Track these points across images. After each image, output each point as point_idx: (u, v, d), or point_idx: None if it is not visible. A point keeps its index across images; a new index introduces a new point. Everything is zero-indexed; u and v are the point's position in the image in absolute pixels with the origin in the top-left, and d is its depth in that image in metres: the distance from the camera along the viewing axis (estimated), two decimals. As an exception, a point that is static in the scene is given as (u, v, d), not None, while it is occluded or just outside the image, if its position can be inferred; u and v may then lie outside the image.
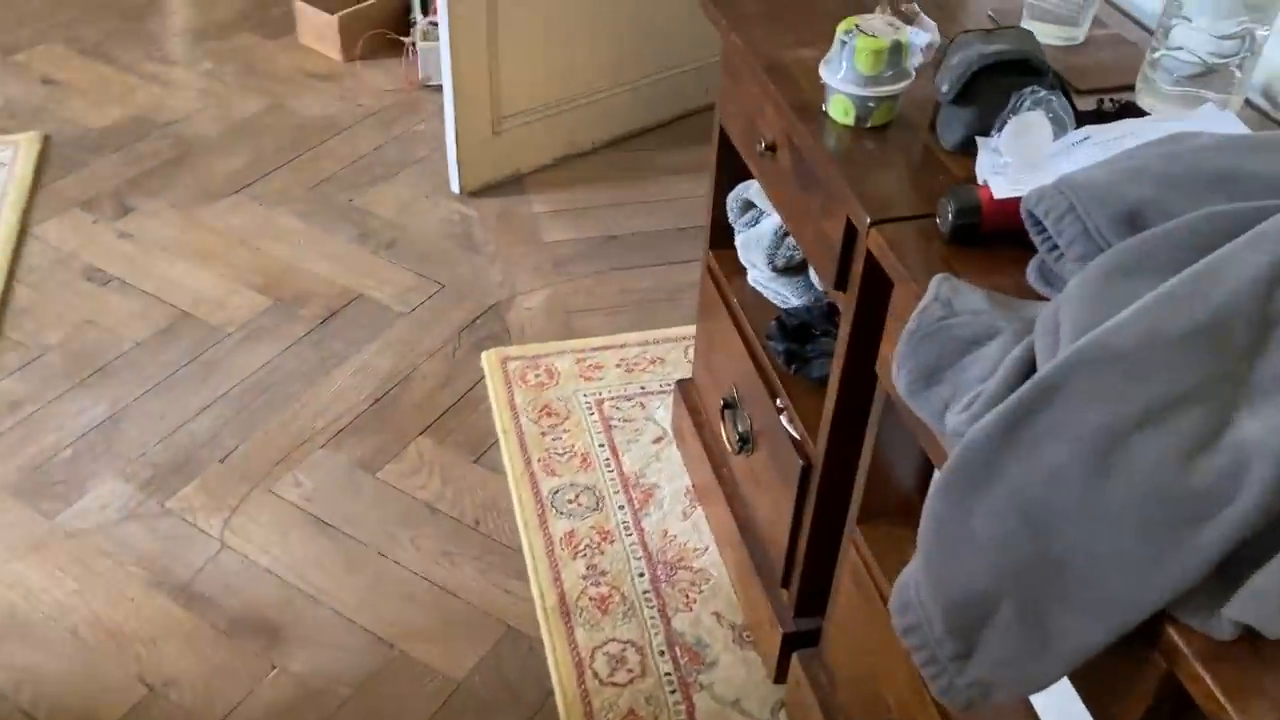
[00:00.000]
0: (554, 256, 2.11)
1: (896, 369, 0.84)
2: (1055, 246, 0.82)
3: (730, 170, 1.42)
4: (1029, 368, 0.73)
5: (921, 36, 1.16)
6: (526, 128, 2.27)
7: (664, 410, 1.78)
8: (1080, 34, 1.22)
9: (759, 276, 1.39)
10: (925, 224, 0.96)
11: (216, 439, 1.71)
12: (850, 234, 1.03)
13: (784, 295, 1.36)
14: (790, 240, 1.33)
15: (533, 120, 2.27)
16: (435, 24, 2.49)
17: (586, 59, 2.29)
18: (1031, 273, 0.87)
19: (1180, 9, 1.01)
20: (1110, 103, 1.05)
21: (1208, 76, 1.02)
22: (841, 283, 1.07)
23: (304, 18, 2.71)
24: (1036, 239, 0.84)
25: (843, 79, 1.04)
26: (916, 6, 1.20)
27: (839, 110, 1.06)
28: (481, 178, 2.27)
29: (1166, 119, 1.00)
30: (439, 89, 2.48)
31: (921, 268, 0.92)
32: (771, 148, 1.18)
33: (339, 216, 2.18)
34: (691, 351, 1.85)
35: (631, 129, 2.46)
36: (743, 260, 1.42)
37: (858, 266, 1.03)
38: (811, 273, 1.35)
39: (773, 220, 1.33)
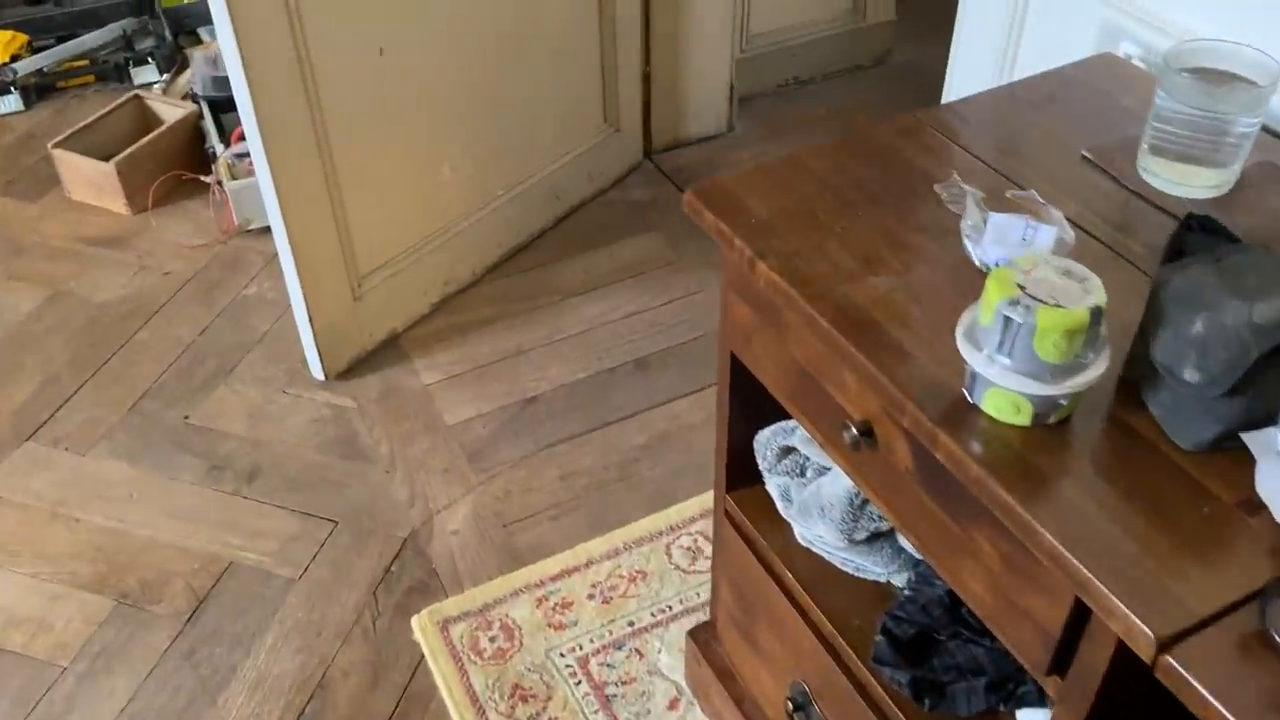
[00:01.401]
0: (465, 445, 1.68)
1: None
2: None
3: (746, 403, 1.03)
4: None
5: (1046, 234, 0.79)
6: (394, 279, 1.81)
7: (669, 654, 1.38)
8: (1232, 177, 0.87)
9: (824, 544, 1.01)
10: (1231, 624, 0.59)
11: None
12: (1078, 617, 0.66)
13: (861, 566, 0.99)
14: (872, 508, 0.95)
15: (400, 269, 1.81)
16: (243, 155, 2.00)
17: (449, 181, 1.85)
18: None
19: None
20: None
21: None
22: (1059, 667, 0.70)
23: (69, 167, 2.16)
24: None
25: (1014, 370, 0.66)
26: (1035, 194, 0.83)
27: (1003, 407, 0.68)
28: (348, 353, 1.80)
29: None
30: (263, 233, 2.00)
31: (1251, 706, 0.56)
32: (867, 432, 0.79)
33: (175, 446, 1.68)
34: (676, 549, 1.47)
35: (514, 244, 2.03)
36: (793, 523, 1.03)
37: (1093, 659, 0.66)
38: (901, 539, 0.97)
39: (842, 483, 0.95)
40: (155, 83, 2.52)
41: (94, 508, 1.59)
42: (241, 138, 2.11)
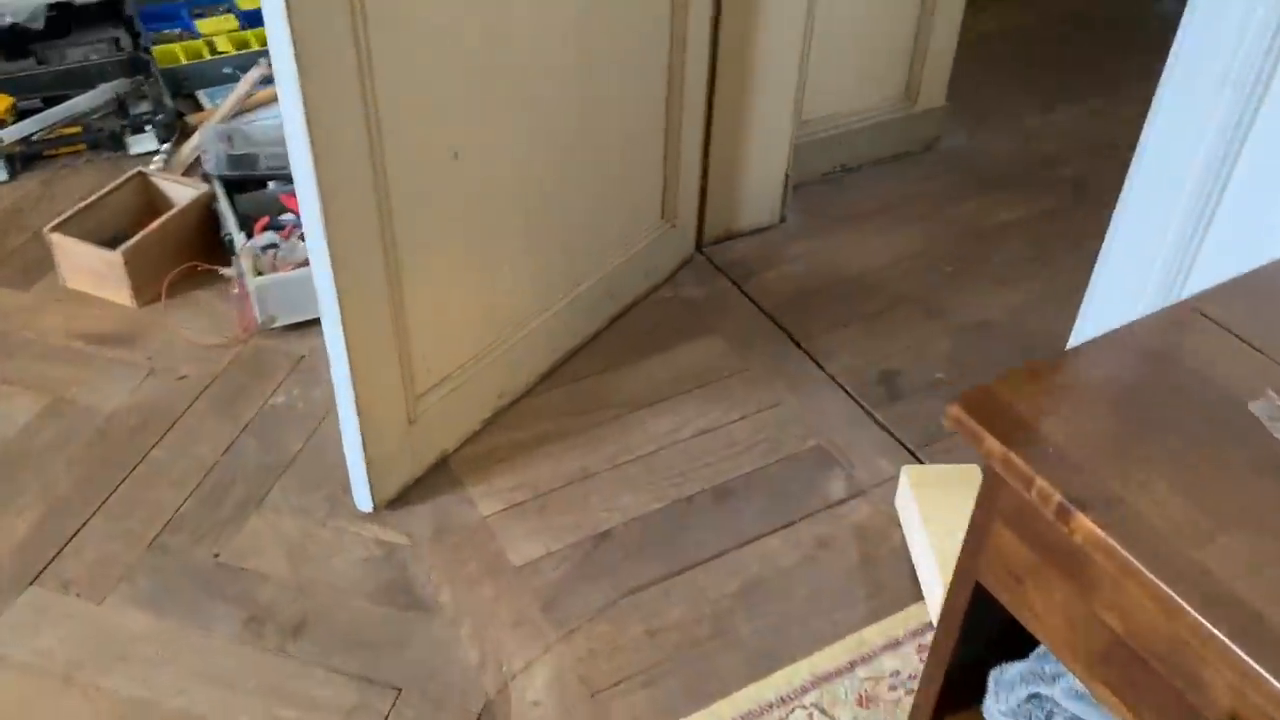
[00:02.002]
0: (536, 591, 1.50)
1: None
2: None
3: (970, 635, 0.88)
4: None
5: None
6: (449, 396, 1.63)
7: None
8: None
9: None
10: None
11: None
12: None
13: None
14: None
15: (456, 385, 1.64)
16: (269, 248, 1.81)
17: (509, 287, 1.68)
18: None
19: None
20: None
21: None
22: None
23: (68, 254, 1.95)
24: None
25: None
26: None
27: None
28: (397, 480, 1.62)
29: None
30: (287, 332, 1.82)
31: None
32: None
33: (205, 591, 1.48)
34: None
35: (568, 349, 1.87)
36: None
37: None
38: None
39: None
40: (154, 153, 2.32)
41: (115, 670, 1.38)
42: (266, 227, 1.92)
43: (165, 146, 2.31)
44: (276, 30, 1.15)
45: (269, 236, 1.89)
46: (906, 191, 2.34)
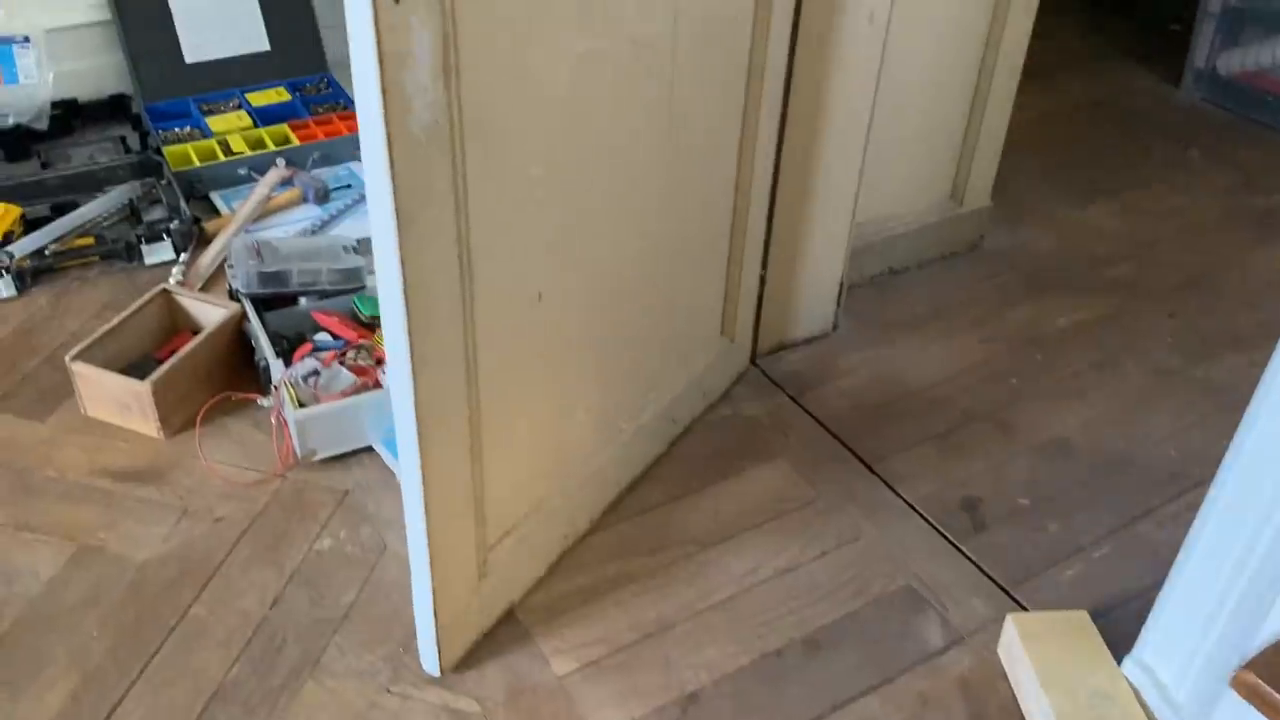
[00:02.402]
0: (625, 764, 1.38)
1: None
2: None
3: None
4: None
5: None
6: (518, 545, 1.52)
7: None
8: None
9: None
10: None
11: None
12: None
13: None
14: None
15: (526, 531, 1.52)
16: (310, 376, 1.70)
17: (580, 422, 1.58)
18: None
19: None
20: None
21: None
22: None
23: (90, 383, 1.82)
24: None
25: None
26: None
27: None
28: (465, 638, 1.49)
29: None
30: (327, 465, 1.71)
31: None
32: None
33: (263, 774, 1.35)
34: None
35: (630, 480, 1.76)
36: None
37: None
38: None
39: None
40: (170, 262, 2.20)
41: None
42: (307, 354, 1.81)
43: (183, 257, 2.20)
44: (378, 182, 1.05)
45: (309, 363, 1.78)
46: (957, 295, 2.27)
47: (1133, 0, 3.66)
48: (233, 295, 1.98)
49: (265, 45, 2.72)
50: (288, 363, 1.80)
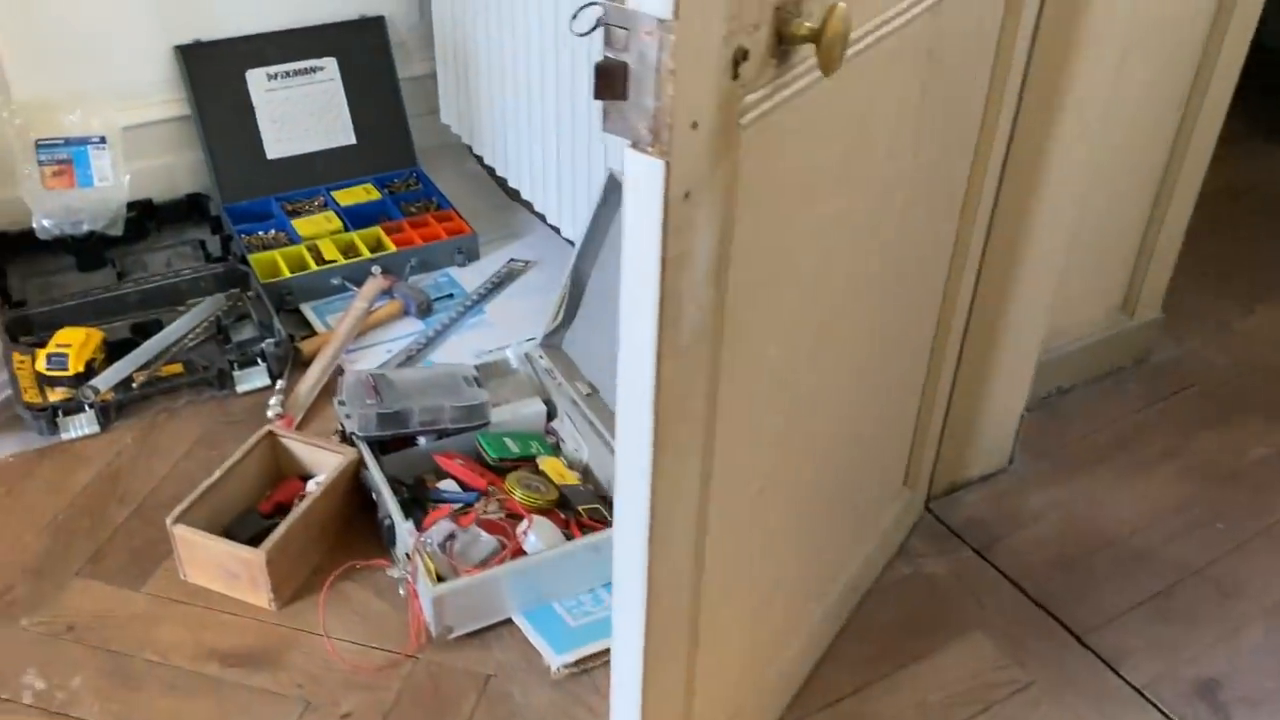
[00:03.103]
0: None
1: None
2: None
3: None
4: None
5: None
6: (713, 767, 1.29)
7: None
8: None
9: None
10: None
11: None
12: None
13: None
14: None
15: (721, 751, 1.30)
16: (447, 541, 1.49)
17: (780, 610, 1.35)
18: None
19: None
20: None
21: None
22: None
23: (194, 547, 1.60)
24: None
25: None
26: None
27: None
28: None
29: None
30: (466, 643, 1.48)
31: None
32: None
33: None
34: None
35: (814, 662, 1.53)
36: None
37: None
38: None
39: None
40: (264, 389, 1.99)
41: None
42: (443, 517, 1.59)
43: (280, 384, 1.99)
44: (636, 402, 0.84)
45: (445, 527, 1.56)
46: (1135, 420, 2.04)
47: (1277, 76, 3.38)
48: (344, 437, 1.77)
49: (351, 138, 2.53)
50: (409, 516, 1.59)
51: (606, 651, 1.52)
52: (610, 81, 0.70)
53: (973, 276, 1.56)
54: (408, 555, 1.54)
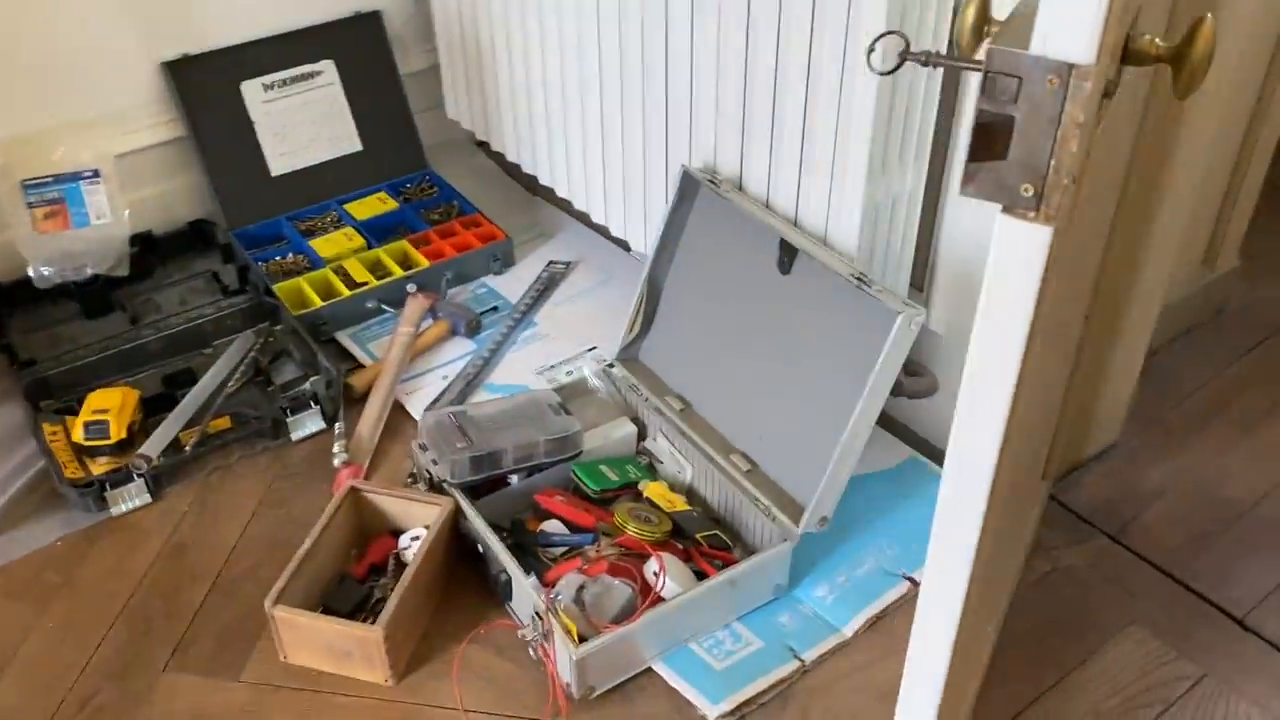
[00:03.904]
0: None
1: None
2: None
3: None
4: None
5: None
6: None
7: None
8: None
9: None
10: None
11: None
12: None
13: None
14: None
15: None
16: (579, 593, 1.37)
17: (983, 638, 1.26)
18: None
19: None
20: None
21: None
22: None
23: (297, 629, 1.46)
24: None
25: None
26: None
27: None
28: None
29: None
30: (608, 699, 1.37)
31: None
32: None
33: None
34: None
35: (983, 670, 1.45)
36: None
37: None
38: None
39: None
40: (319, 434, 1.84)
41: None
42: (573, 570, 1.47)
43: (338, 427, 1.83)
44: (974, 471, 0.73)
45: (574, 580, 1.44)
46: (1229, 377, 1.98)
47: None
48: (431, 484, 1.63)
49: (357, 145, 2.35)
50: (528, 569, 1.46)
51: (762, 695, 1.43)
52: (990, 140, 0.58)
53: (1100, 246, 1.46)
54: (537, 615, 1.42)
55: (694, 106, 1.71)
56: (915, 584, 1.57)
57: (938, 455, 1.79)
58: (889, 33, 0.65)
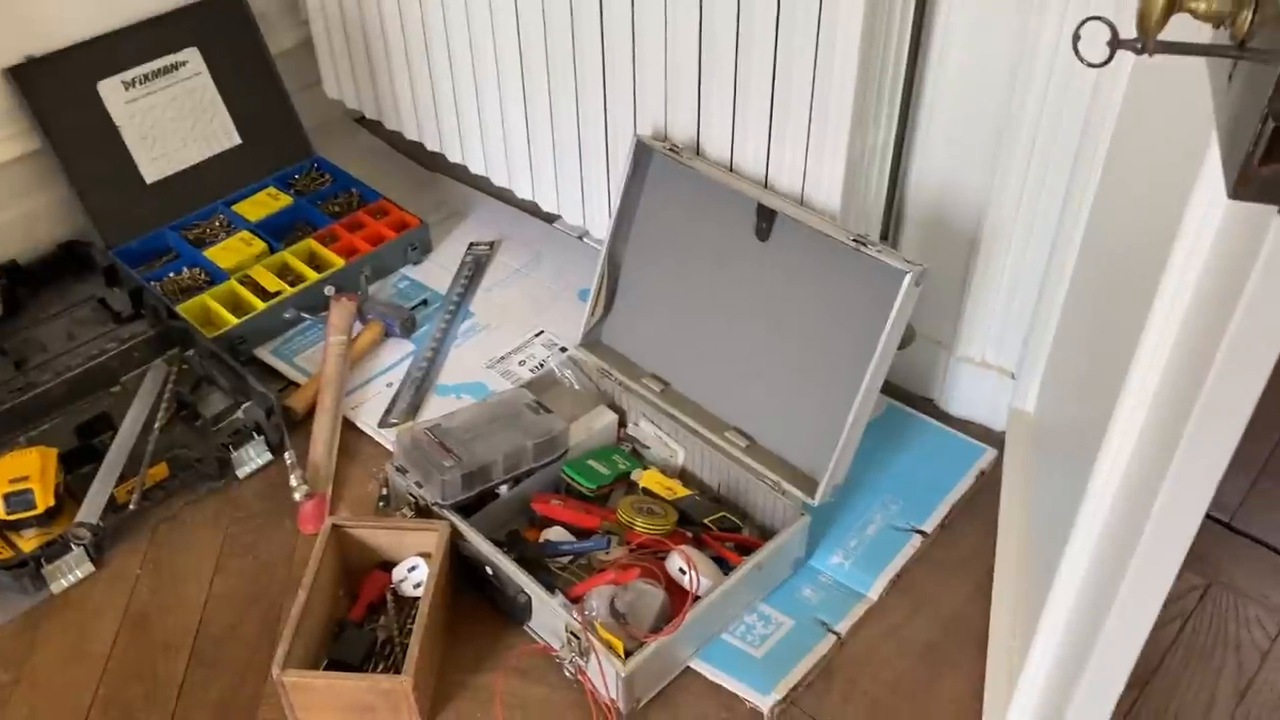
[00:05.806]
0: None
1: None
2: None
3: None
4: None
5: None
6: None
7: None
8: None
9: None
10: None
11: None
12: None
13: None
14: None
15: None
16: (623, 606, 1.31)
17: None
18: None
19: None
20: None
21: None
22: None
23: (310, 691, 1.33)
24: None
25: None
26: None
27: None
28: None
29: None
30: (655, 709, 1.32)
31: None
32: None
33: None
34: None
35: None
36: None
37: None
38: None
39: None
40: (266, 466, 1.69)
41: None
42: (605, 583, 1.39)
43: (288, 457, 1.68)
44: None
45: (606, 592, 1.36)
46: None
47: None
48: (418, 508, 1.52)
49: (235, 139, 2.14)
50: (548, 586, 1.38)
51: (808, 675, 1.40)
52: (1285, 142, 0.52)
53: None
54: (573, 635, 1.34)
55: (637, 64, 1.61)
56: (925, 536, 1.57)
57: (914, 401, 1.78)
58: (1093, 18, 0.58)
